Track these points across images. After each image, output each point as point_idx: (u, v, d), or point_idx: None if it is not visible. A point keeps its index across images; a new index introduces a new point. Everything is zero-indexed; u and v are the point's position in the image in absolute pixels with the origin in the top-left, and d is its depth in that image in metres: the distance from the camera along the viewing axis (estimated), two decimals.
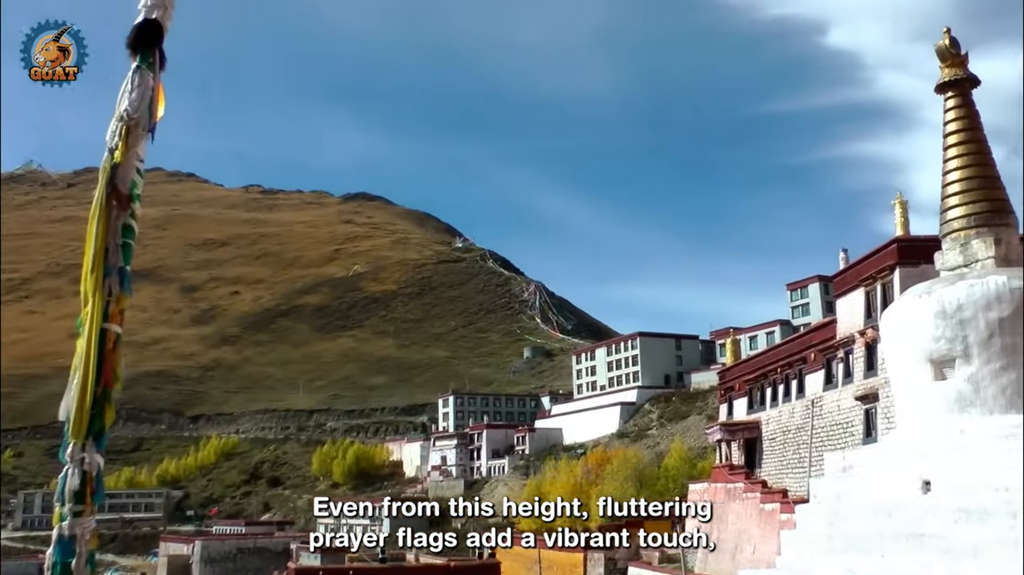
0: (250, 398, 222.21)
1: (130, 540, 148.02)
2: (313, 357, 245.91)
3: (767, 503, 51.72)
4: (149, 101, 7.50)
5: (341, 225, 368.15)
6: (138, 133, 7.43)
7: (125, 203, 7.17)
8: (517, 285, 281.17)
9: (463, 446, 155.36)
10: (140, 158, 7.47)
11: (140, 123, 7.42)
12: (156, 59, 7.82)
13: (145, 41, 7.80)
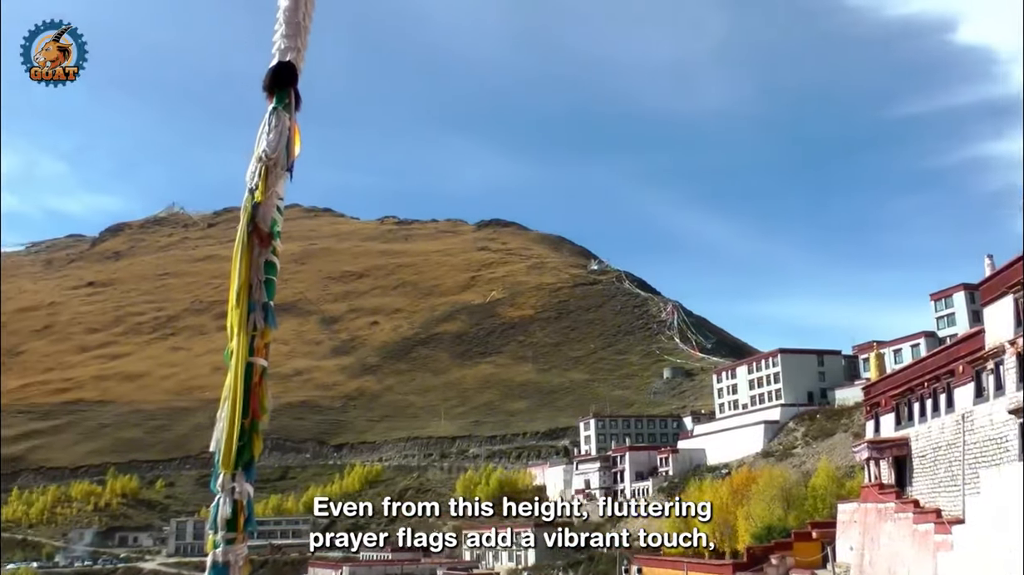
0: (392, 426, 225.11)
1: (279, 566, 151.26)
2: (453, 384, 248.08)
3: (920, 524, 50.01)
4: (286, 141, 7.75)
5: (476, 252, 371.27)
6: (277, 173, 7.65)
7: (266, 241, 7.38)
8: (654, 305, 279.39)
9: (606, 469, 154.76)
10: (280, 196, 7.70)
11: (278, 163, 7.65)
12: (291, 100, 8.06)
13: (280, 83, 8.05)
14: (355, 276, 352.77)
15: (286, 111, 8.32)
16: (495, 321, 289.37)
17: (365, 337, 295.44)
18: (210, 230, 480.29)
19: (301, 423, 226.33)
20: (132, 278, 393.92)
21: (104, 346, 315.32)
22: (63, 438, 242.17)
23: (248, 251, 7.89)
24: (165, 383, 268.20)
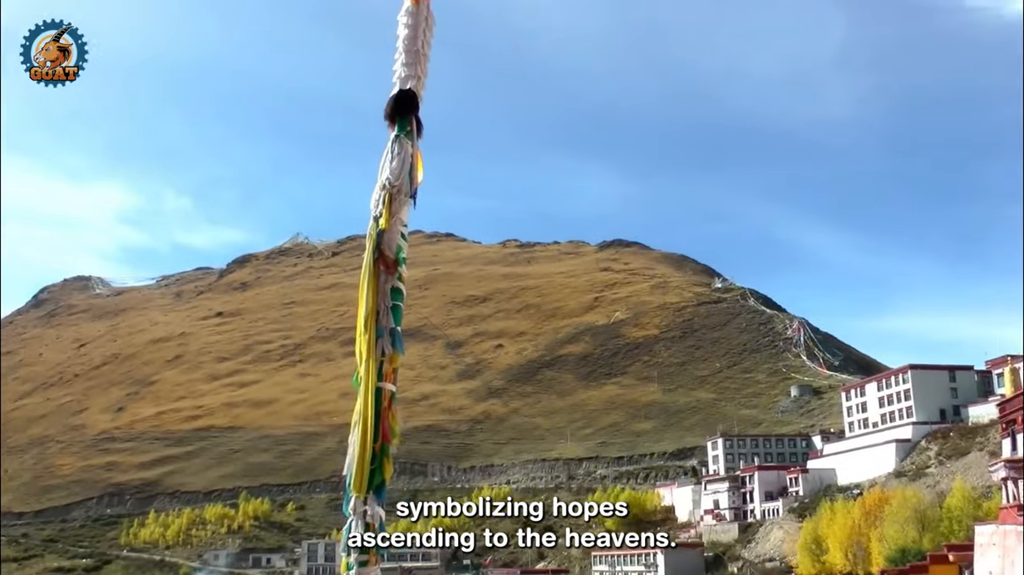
0: (519, 448, 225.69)
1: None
2: (579, 406, 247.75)
3: None
4: (410, 168, 7.90)
5: (599, 273, 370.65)
6: (401, 199, 7.82)
7: (392, 267, 7.56)
8: (780, 322, 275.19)
9: (735, 489, 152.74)
10: (404, 223, 7.86)
11: (402, 190, 7.82)
12: (413, 127, 8.23)
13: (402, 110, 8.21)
14: (479, 300, 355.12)
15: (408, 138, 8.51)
16: (619, 342, 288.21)
17: (490, 360, 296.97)
18: (334, 258, 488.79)
19: (429, 447, 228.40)
20: (259, 308, 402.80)
21: (233, 374, 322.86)
22: (196, 463, 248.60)
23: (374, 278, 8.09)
24: (294, 409, 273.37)
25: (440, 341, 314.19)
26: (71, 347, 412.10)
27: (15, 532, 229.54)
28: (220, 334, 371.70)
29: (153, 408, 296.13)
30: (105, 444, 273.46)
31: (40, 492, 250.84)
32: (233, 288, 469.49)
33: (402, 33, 8.35)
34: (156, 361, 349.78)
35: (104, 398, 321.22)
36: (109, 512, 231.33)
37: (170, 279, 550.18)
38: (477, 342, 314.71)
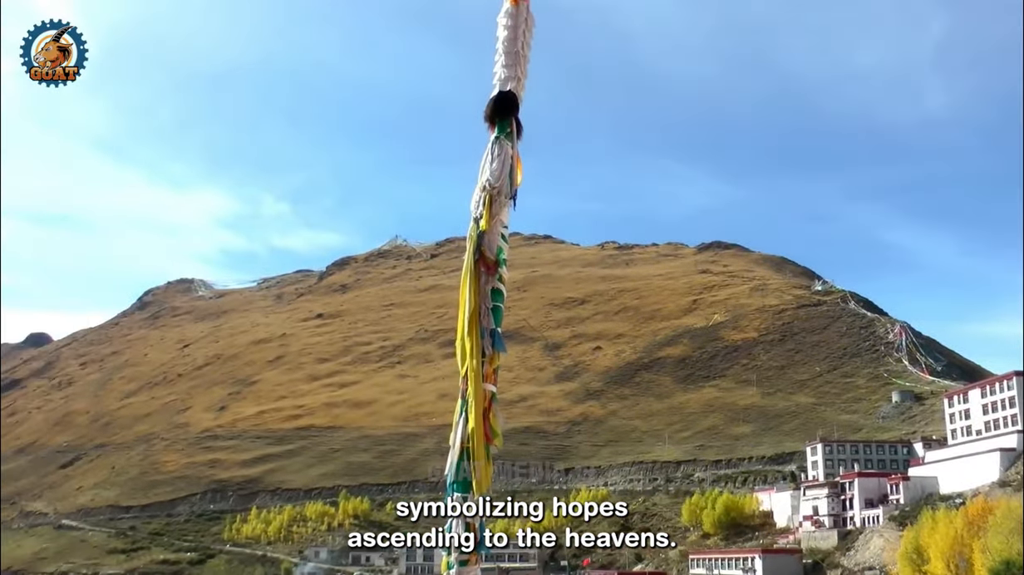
0: (617, 451, 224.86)
1: None
2: (677, 408, 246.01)
3: None
4: (510, 170, 7.89)
5: (698, 275, 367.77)
6: (501, 201, 7.82)
7: (493, 268, 7.55)
8: (881, 326, 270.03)
9: (834, 495, 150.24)
10: (504, 224, 7.85)
11: (502, 191, 7.81)
12: (513, 129, 8.21)
13: (502, 112, 8.21)
14: (577, 302, 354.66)
15: (508, 140, 8.50)
16: (718, 344, 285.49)
17: (588, 362, 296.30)
18: (433, 261, 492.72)
19: (527, 448, 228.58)
20: (359, 309, 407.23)
21: (333, 375, 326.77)
22: (297, 461, 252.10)
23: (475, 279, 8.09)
24: (393, 410, 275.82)
25: (538, 343, 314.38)
26: (175, 348, 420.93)
27: (123, 525, 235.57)
28: (320, 335, 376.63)
29: (255, 407, 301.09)
30: (208, 442, 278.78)
31: (146, 487, 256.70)
32: (333, 290, 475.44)
33: (501, 35, 8.33)
34: (257, 362, 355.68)
35: (207, 397, 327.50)
36: (212, 508, 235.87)
37: (271, 281, 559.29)
38: (575, 344, 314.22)
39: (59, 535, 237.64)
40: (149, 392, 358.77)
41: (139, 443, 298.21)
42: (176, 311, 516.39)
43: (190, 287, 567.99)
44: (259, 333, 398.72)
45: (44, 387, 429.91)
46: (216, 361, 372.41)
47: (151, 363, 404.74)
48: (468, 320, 7.34)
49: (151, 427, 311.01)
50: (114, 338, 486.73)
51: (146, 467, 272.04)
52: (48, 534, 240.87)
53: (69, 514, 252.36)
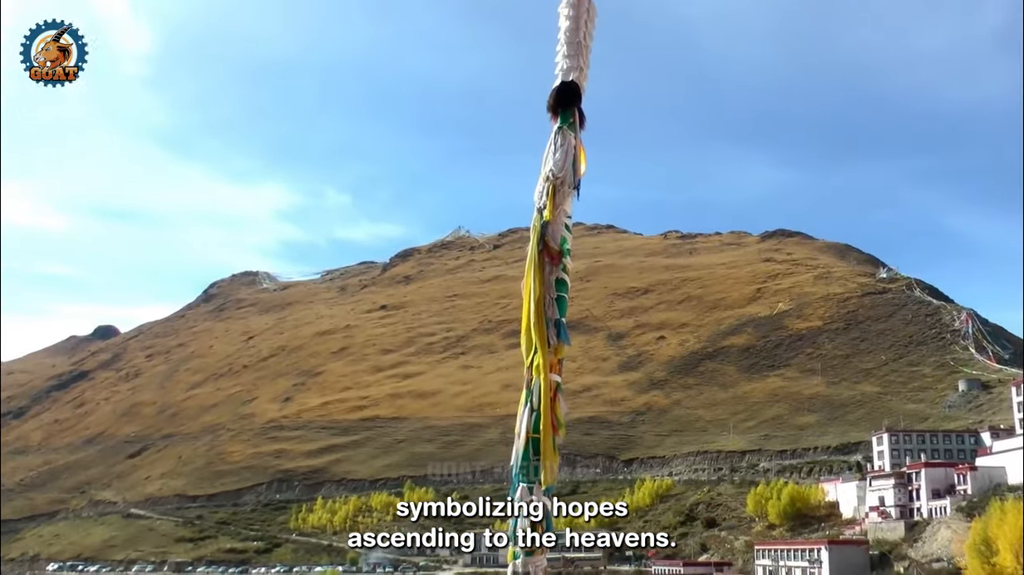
0: (681, 441, 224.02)
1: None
2: (741, 398, 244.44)
3: None
4: (573, 160, 7.88)
5: (761, 264, 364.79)
6: (564, 191, 7.81)
7: (557, 259, 7.54)
8: (948, 314, 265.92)
9: (901, 486, 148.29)
10: (568, 214, 7.84)
11: (565, 181, 7.80)
12: (576, 119, 8.20)
13: (565, 102, 8.20)
14: (640, 292, 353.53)
15: (571, 130, 8.49)
16: (782, 333, 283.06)
17: (652, 352, 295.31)
18: (496, 251, 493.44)
19: (591, 438, 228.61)
20: (422, 300, 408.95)
21: (397, 366, 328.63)
22: (362, 452, 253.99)
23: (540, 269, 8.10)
24: (457, 400, 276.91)
25: (602, 333, 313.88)
26: (240, 339, 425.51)
27: (190, 514, 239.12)
28: (384, 327, 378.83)
29: (319, 398, 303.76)
30: (273, 432, 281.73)
31: (213, 477, 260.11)
32: (396, 281, 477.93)
33: (563, 25, 8.32)
34: (322, 353, 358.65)
35: (272, 388, 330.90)
36: (278, 497, 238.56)
37: (334, 273, 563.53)
38: (639, 334, 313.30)
39: (127, 523, 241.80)
40: (215, 383, 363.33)
41: (205, 434, 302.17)
42: (241, 303, 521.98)
43: (255, 279, 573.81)
44: (323, 325, 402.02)
45: (112, 378, 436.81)
46: (281, 353, 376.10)
47: (216, 355, 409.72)
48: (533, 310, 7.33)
49: (217, 418, 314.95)
50: (180, 330, 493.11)
51: (212, 457, 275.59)
52: (117, 522, 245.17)
53: (137, 503, 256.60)
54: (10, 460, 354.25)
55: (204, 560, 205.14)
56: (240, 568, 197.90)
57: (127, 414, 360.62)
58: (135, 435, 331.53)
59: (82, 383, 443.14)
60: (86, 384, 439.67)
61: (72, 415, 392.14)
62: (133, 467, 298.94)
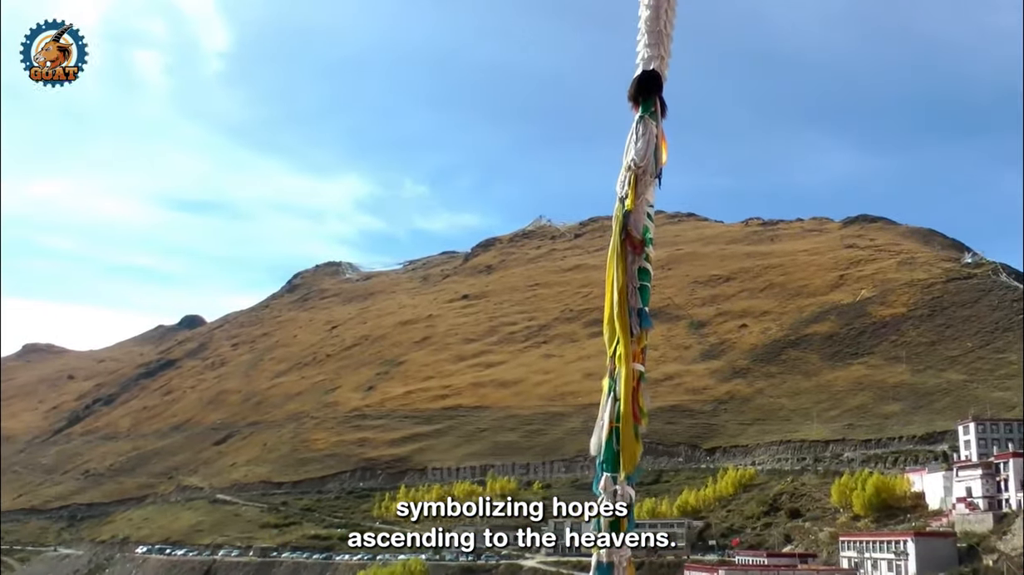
0: (764, 430, 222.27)
1: (655, 568, 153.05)
2: (825, 387, 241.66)
3: None
4: (654, 149, 7.87)
5: (844, 250, 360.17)
6: (646, 180, 7.81)
7: (639, 247, 7.55)
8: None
9: (989, 477, 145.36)
10: (650, 203, 7.84)
11: (647, 170, 7.80)
12: (658, 107, 8.18)
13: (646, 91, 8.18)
14: (722, 279, 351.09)
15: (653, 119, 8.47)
16: (865, 320, 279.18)
17: (734, 340, 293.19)
18: (577, 240, 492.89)
19: (673, 427, 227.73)
20: (504, 290, 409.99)
21: (480, 355, 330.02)
22: (444, 441, 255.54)
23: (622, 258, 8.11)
24: (539, 389, 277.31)
25: (683, 321, 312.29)
26: (323, 329, 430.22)
27: (275, 500, 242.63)
28: (466, 316, 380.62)
29: (402, 387, 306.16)
30: (357, 421, 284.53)
31: (297, 464, 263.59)
32: (478, 271, 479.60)
33: (644, 14, 8.31)
34: (404, 342, 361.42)
35: (355, 377, 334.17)
36: (362, 486, 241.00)
37: (416, 263, 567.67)
38: (721, 322, 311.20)
39: (214, 509, 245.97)
40: (299, 372, 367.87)
41: (290, 422, 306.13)
42: (324, 293, 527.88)
43: (337, 270, 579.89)
44: (406, 314, 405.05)
45: (198, 367, 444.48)
46: (364, 342, 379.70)
47: (300, 344, 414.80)
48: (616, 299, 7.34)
49: (301, 406, 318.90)
50: (264, 320, 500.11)
51: (297, 445, 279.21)
52: (204, 508, 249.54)
53: (223, 489, 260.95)
54: (101, 445, 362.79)
55: (289, 546, 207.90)
56: (324, 554, 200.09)
57: (213, 402, 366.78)
58: (221, 422, 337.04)
59: (169, 371, 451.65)
60: (173, 372, 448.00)
61: (160, 402, 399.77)
62: (219, 454, 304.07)
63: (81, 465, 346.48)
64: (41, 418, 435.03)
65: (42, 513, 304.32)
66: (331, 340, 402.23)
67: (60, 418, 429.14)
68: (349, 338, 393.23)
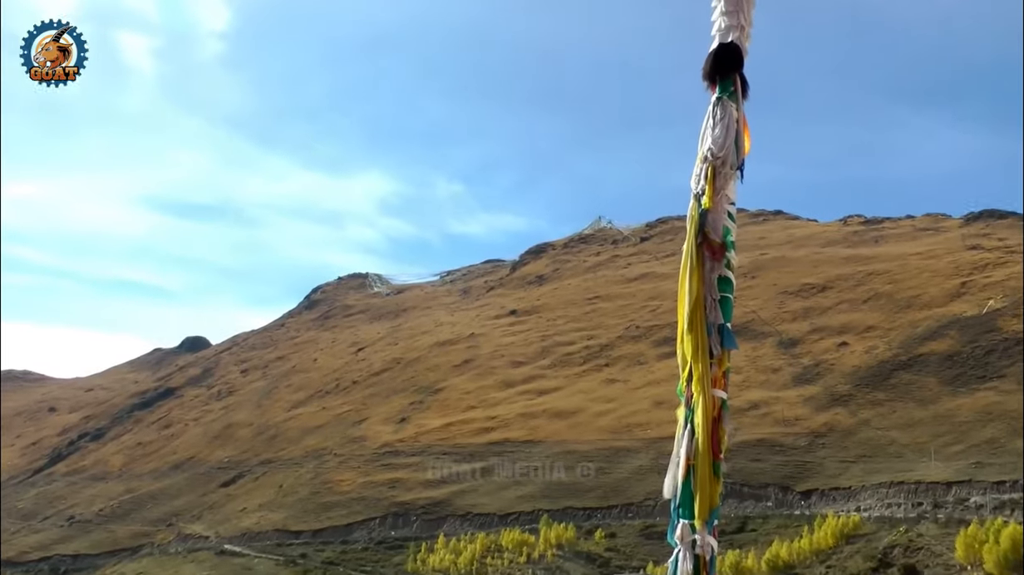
0: (871, 469, 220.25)
1: None
2: (945, 416, 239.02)
3: None
4: (735, 136, 7.79)
5: (966, 252, 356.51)
6: (726, 173, 7.73)
7: (719, 253, 7.47)
8: None
9: None
10: (731, 201, 7.77)
11: (727, 162, 7.72)
12: (738, 87, 8.11)
13: (724, 68, 8.13)
14: (816, 289, 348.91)
15: (732, 100, 8.38)
16: (995, 337, 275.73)
17: (832, 361, 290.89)
18: (643, 245, 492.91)
19: (760, 465, 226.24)
20: (558, 304, 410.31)
21: (530, 380, 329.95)
22: (490, 482, 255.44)
23: (699, 266, 8.04)
24: (600, 420, 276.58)
25: (771, 339, 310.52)
26: (348, 351, 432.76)
27: (293, 552, 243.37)
28: (514, 335, 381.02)
29: (440, 419, 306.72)
30: (387, 458, 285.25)
31: (319, 510, 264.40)
32: (527, 282, 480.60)
33: None
34: (443, 366, 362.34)
35: (385, 407, 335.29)
36: (394, 534, 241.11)
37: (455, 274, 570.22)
38: (815, 339, 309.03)
39: (221, 562, 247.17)
40: (320, 402, 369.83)
41: (309, 459, 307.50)
42: (348, 310, 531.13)
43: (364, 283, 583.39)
44: (443, 333, 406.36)
45: (202, 396, 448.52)
46: (395, 366, 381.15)
47: (321, 369, 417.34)
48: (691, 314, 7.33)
49: (323, 441, 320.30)
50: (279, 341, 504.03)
51: (318, 487, 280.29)
52: (209, 560, 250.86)
53: (232, 538, 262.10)
54: (88, 487, 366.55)
55: None
56: None
57: (220, 437, 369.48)
58: (229, 461, 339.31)
59: (169, 401, 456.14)
60: (173, 402, 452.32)
61: (158, 437, 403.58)
62: (227, 497, 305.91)
63: (65, 510, 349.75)
64: (18, 456, 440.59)
65: (19, 566, 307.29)
66: (357, 364, 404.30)
67: (40, 456, 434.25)
68: (378, 362, 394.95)
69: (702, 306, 7.48)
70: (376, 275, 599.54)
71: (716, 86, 8.21)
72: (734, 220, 7.98)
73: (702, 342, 7.44)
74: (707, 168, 7.84)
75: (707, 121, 8.03)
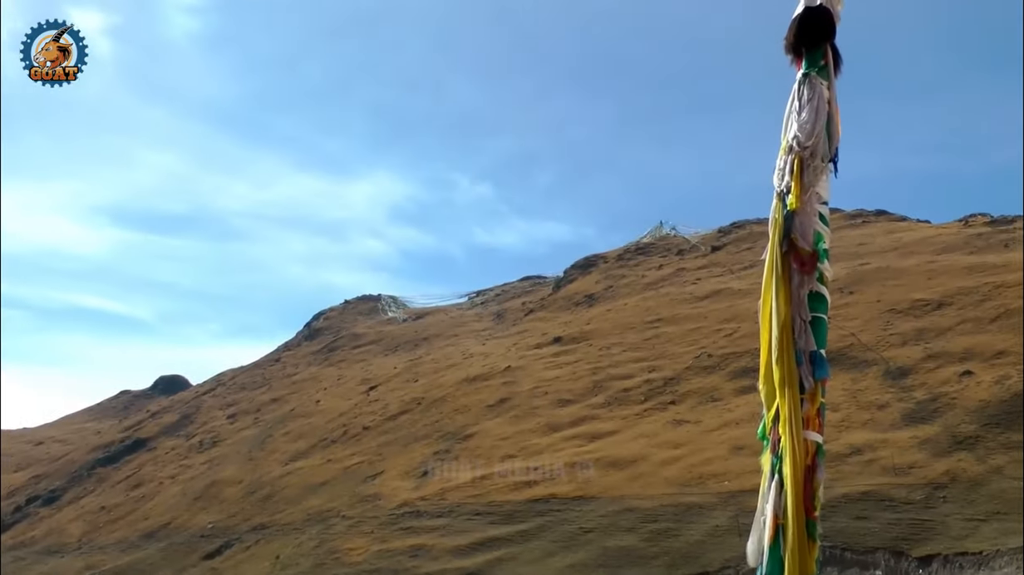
0: (1006, 528, 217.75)
1: None
2: None
3: None
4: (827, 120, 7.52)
5: None
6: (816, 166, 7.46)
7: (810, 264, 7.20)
8: None
9: None
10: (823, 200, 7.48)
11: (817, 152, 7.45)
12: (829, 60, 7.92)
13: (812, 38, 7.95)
14: (931, 306, 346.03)
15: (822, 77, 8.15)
16: None
17: (954, 395, 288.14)
18: (715, 255, 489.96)
19: (866, 524, 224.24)
20: (612, 329, 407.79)
21: (580, 422, 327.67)
22: (533, 547, 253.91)
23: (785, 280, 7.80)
24: (666, 470, 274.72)
25: (875, 368, 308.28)
26: (357, 391, 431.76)
27: None
28: (560, 367, 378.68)
29: (470, 472, 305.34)
30: (407, 521, 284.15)
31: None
32: (574, 303, 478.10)
33: None
34: (473, 407, 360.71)
35: (404, 458, 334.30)
36: None
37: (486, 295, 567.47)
38: (931, 368, 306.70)
39: None
40: (323, 453, 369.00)
41: (312, 523, 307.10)
42: (358, 341, 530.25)
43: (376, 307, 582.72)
44: (473, 367, 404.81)
45: (180, 449, 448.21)
46: (415, 408, 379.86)
47: (326, 413, 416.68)
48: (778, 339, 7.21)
49: (328, 501, 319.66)
50: (273, 379, 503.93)
51: (323, 557, 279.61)
52: None
53: None
54: (39, 563, 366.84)
55: None
56: None
57: (202, 497, 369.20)
58: (213, 527, 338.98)
59: (139, 455, 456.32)
60: (145, 456, 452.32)
61: (126, 500, 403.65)
62: (211, 572, 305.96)
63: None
64: None
65: None
66: (369, 406, 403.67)
67: None
68: (394, 403, 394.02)
69: (789, 329, 7.33)
70: (390, 297, 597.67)
71: (802, 59, 8.03)
72: (827, 223, 7.83)
73: (790, 373, 7.28)
74: (793, 160, 7.66)
75: (792, 103, 7.85)
